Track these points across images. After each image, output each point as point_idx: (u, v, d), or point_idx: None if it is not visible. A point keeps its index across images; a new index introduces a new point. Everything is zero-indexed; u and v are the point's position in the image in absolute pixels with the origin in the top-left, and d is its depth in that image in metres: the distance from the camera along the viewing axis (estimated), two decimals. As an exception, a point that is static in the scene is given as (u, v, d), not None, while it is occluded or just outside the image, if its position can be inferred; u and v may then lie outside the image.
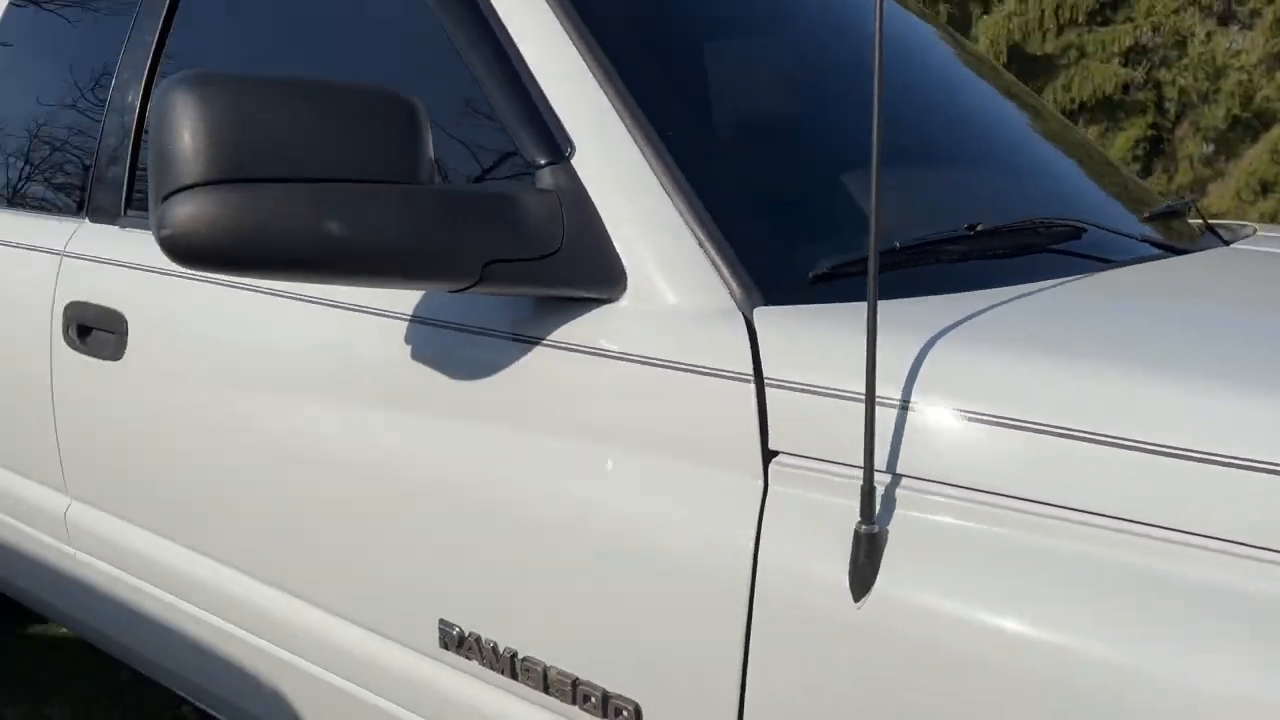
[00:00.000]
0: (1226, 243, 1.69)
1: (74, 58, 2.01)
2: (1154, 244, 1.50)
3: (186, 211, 0.99)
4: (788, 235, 1.16)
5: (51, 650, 3.16)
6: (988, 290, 1.15)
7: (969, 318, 1.04)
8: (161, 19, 1.78)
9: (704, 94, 1.32)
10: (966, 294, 1.13)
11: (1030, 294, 1.16)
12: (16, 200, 2.05)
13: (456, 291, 1.13)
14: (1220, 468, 0.84)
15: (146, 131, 1.70)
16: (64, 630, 3.22)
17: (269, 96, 1.02)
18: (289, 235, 1.02)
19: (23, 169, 2.10)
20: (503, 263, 1.10)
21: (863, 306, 0.92)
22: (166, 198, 1.00)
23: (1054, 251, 1.32)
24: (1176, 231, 1.66)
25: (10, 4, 2.18)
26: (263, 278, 1.14)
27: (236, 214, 1.00)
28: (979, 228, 1.25)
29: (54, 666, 3.04)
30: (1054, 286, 1.19)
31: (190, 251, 1.01)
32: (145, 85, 1.78)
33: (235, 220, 1.00)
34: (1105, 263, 1.33)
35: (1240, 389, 0.89)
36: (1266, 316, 1.21)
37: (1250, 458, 0.83)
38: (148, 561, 1.71)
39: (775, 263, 1.15)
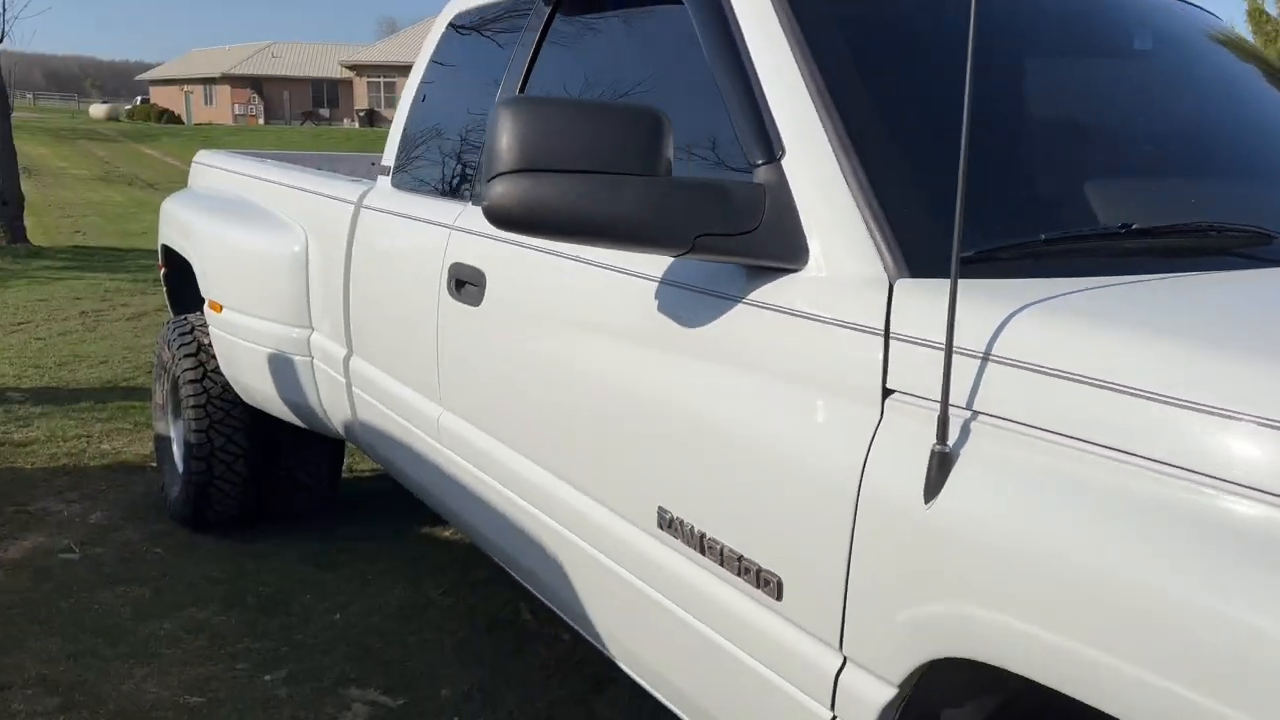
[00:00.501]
0: None
1: (479, 77, 2.66)
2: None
3: (499, 190, 1.48)
4: (935, 224, 1.42)
5: (428, 543, 4.01)
6: (1107, 277, 1.35)
7: (1058, 295, 1.26)
8: (532, 49, 2.35)
9: (891, 111, 1.60)
10: (1082, 279, 1.34)
11: (1134, 283, 1.33)
12: (440, 189, 2.75)
13: (676, 257, 1.53)
14: (1201, 414, 1.03)
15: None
16: (436, 529, 4.05)
17: (559, 112, 1.49)
18: (564, 209, 1.47)
19: (444, 164, 2.80)
20: (710, 236, 1.48)
21: (982, 282, 1.20)
22: (489, 181, 1.50)
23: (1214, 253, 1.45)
24: None
25: (450, 28, 2.87)
26: (547, 239, 1.61)
27: (531, 193, 1.47)
28: (1133, 226, 1.43)
29: (432, 557, 3.86)
30: (1161, 280, 1.36)
31: (500, 218, 1.50)
32: (516, 102, 2.36)
33: (530, 197, 1.47)
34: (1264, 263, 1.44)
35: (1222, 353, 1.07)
36: None
37: (1226, 407, 1.01)
38: (489, 459, 2.28)
39: (920, 245, 1.42)
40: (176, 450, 4.02)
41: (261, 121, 56.38)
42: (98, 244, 14.44)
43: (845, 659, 1.36)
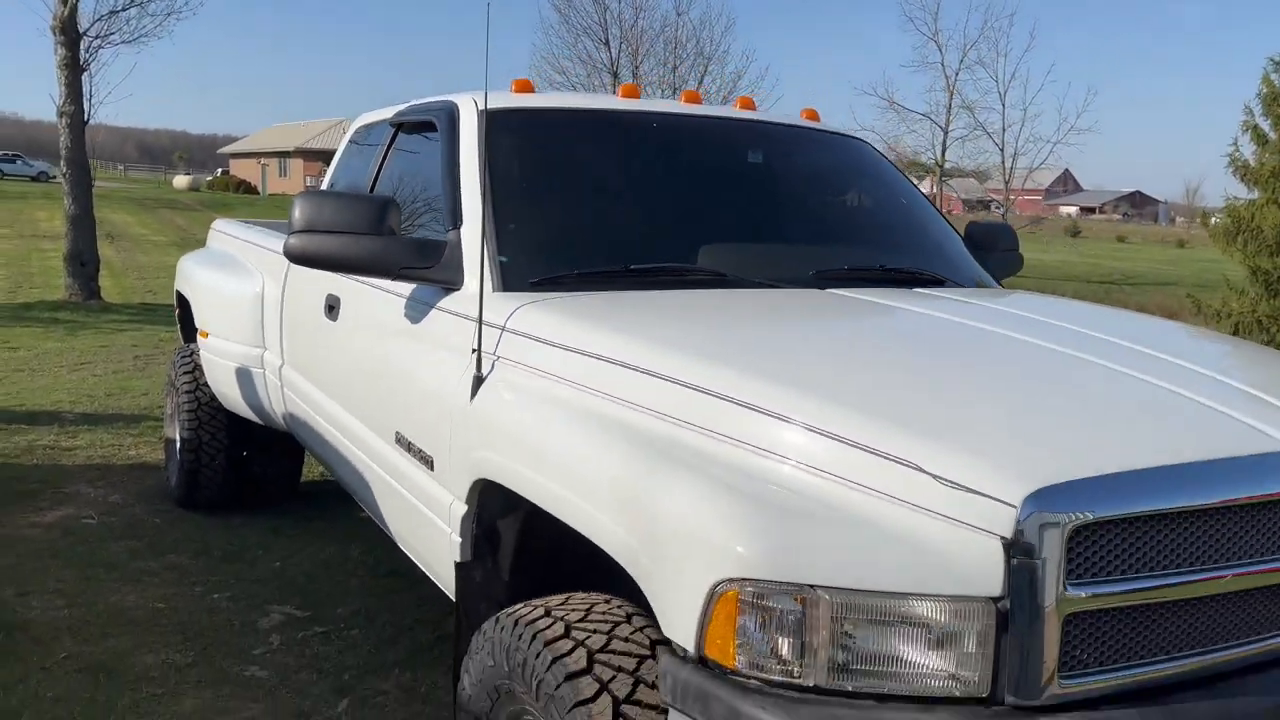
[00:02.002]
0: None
1: (361, 170, 3.87)
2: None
3: (293, 242, 2.66)
4: (524, 263, 2.56)
5: (362, 523, 5.15)
6: (608, 293, 2.48)
7: (561, 300, 2.39)
8: (384, 154, 3.56)
9: (512, 213, 2.74)
10: (593, 293, 2.46)
11: (622, 295, 2.46)
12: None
13: (394, 279, 2.70)
14: (604, 362, 2.15)
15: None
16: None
17: (327, 199, 2.66)
18: (326, 253, 2.64)
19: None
20: (408, 268, 2.65)
21: (555, 296, 2.35)
22: (288, 236, 2.68)
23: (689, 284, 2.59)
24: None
25: (350, 141, 4.12)
26: (320, 269, 2.77)
27: (309, 243, 2.64)
28: (630, 266, 2.56)
29: (362, 532, 5.00)
30: (626, 294, 2.49)
31: (294, 257, 2.68)
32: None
33: (308, 245, 2.64)
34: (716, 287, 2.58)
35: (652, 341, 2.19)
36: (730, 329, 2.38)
37: (616, 358, 2.13)
38: (335, 418, 3.43)
39: (517, 273, 2.56)
40: (176, 447, 5.24)
41: (331, 193, 59.48)
42: (165, 302, 16.09)
43: (453, 497, 2.47)
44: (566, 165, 3.05)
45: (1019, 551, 1.47)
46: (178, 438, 5.16)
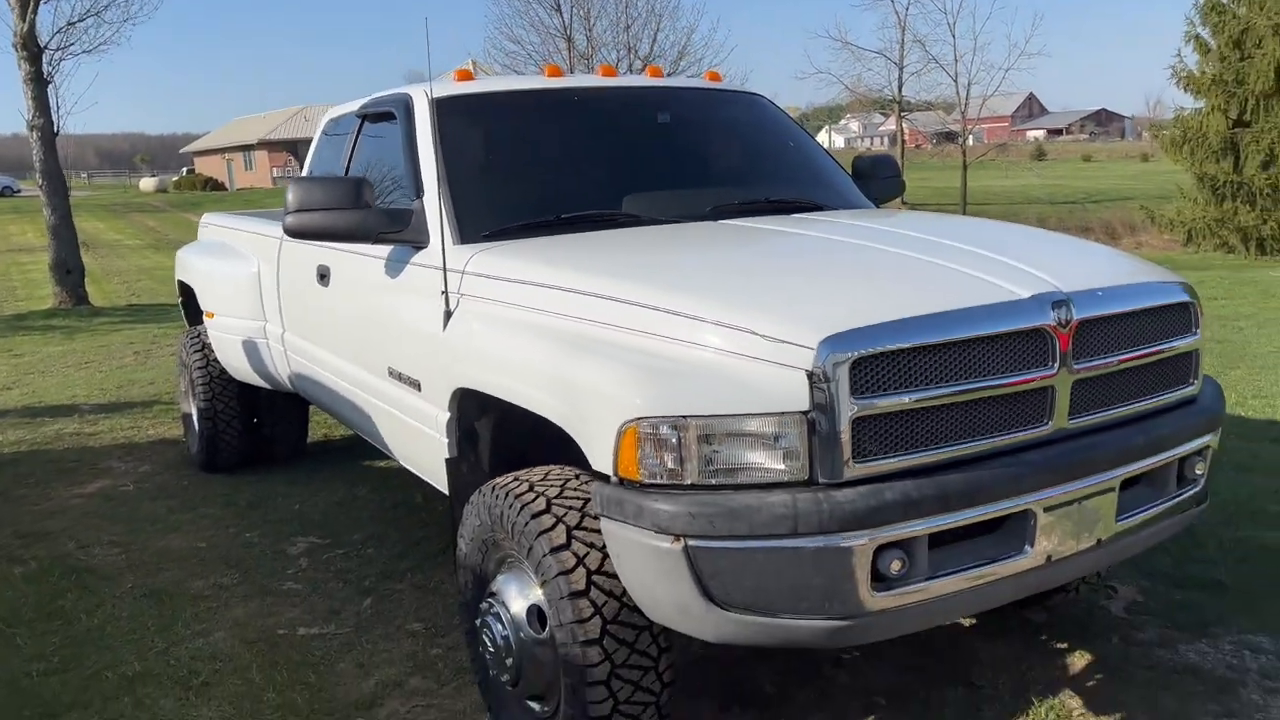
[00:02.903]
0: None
1: (334, 158, 4.51)
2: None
3: (289, 220, 3.32)
4: (476, 220, 3.22)
5: (365, 470, 5.85)
6: (544, 238, 3.16)
7: (507, 246, 3.07)
8: (353, 142, 4.20)
9: (465, 181, 3.40)
10: (532, 239, 3.14)
11: (555, 239, 3.14)
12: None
13: (373, 244, 3.37)
14: (545, 288, 2.84)
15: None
16: (370, 463, 5.89)
17: (314, 182, 3.32)
18: (316, 227, 3.30)
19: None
20: (384, 234, 3.32)
21: (502, 244, 3.04)
22: (285, 215, 3.34)
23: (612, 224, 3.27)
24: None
25: (322, 133, 4.76)
26: (312, 241, 3.44)
27: (303, 220, 3.31)
28: (562, 215, 3.24)
29: (367, 478, 5.70)
30: (560, 237, 3.17)
31: (292, 232, 3.34)
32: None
33: (302, 221, 3.31)
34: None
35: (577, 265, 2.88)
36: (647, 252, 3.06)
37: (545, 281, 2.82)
38: (331, 366, 4.10)
39: (471, 228, 3.23)
40: (194, 419, 5.91)
41: (299, 182, 59.46)
42: (151, 303, 16.63)
43: (438, 409, 3.16)
44: (505, 137, 3.71)
45: (818, 379, 2.17)
46: (195, 410, 5.83)
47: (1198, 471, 2.76)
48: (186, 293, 6.11)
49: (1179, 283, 2.76)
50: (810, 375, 2.17)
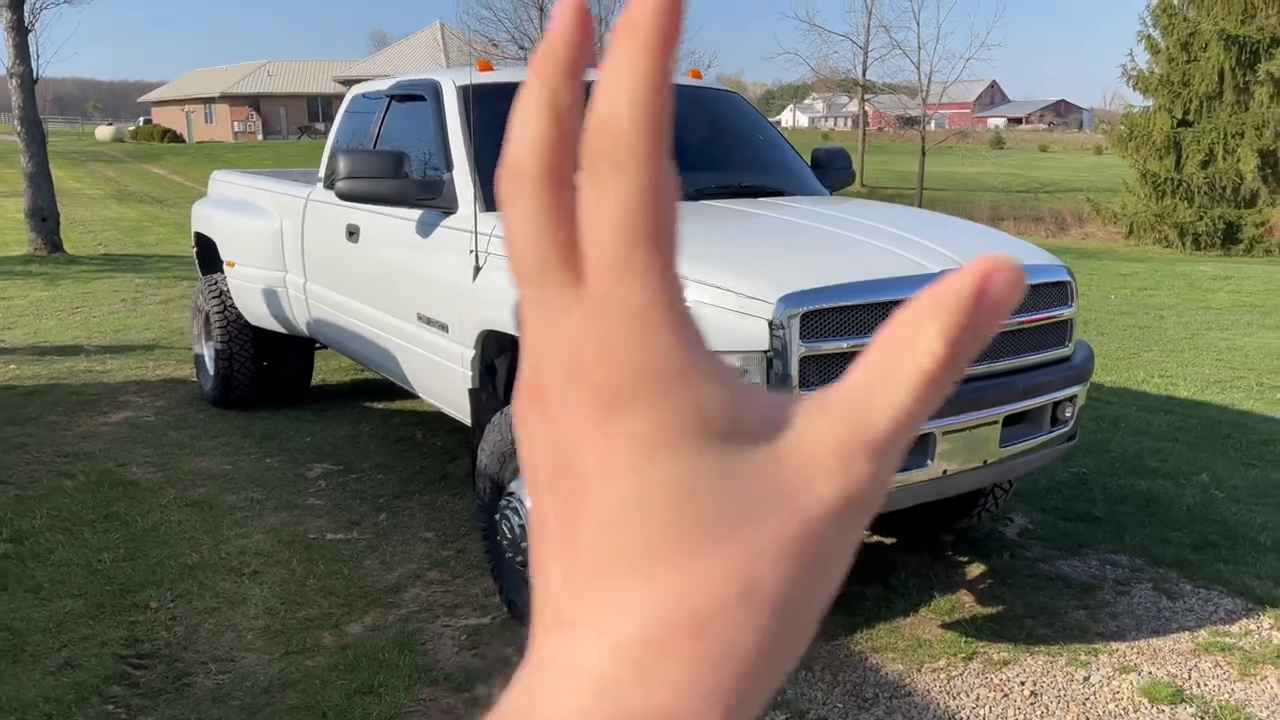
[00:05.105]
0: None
1: (362, 131, 5.12)
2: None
3: (340, 185, 3.96)
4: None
5: (369, 409, 6.49)
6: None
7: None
8: (381, 118, 4.83)
9: (487, 155, 4.06)
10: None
11: None
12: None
13: (411, 208, 4.02)
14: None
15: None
16: (373, 404, 6.54)
17: (363, 155, 3.97)
18: (365, 193, 3.95)
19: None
20: (420, 200, 3.97)
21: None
22: (339, 181, 3.98)
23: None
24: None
25: (346, 111, 5.37)
26: (361, 204, 4.08)
27: (354, 185, 3.95)
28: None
29: (370, 415, 6.35)
30: None
31: (344, 196, 3.99)
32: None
33: (354, 187, 3.95)
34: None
35: None
36: None
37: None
38: (359, 313, 4.75)
39: (494, 198, 3.89)
40: (208, 360, 6.50)
41: (260, 137, 59.10)
42: (124, 253, 16.95)
43: (464, 348, 3.83)
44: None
45: (776, 327, 2.88)
46: (210, 351, 6.43)
47: (1067, 414, 3.53)
48: (203, 244, 6.68)
49: (1061, 265, 3.52)
50: (770, 324, 2.89)
